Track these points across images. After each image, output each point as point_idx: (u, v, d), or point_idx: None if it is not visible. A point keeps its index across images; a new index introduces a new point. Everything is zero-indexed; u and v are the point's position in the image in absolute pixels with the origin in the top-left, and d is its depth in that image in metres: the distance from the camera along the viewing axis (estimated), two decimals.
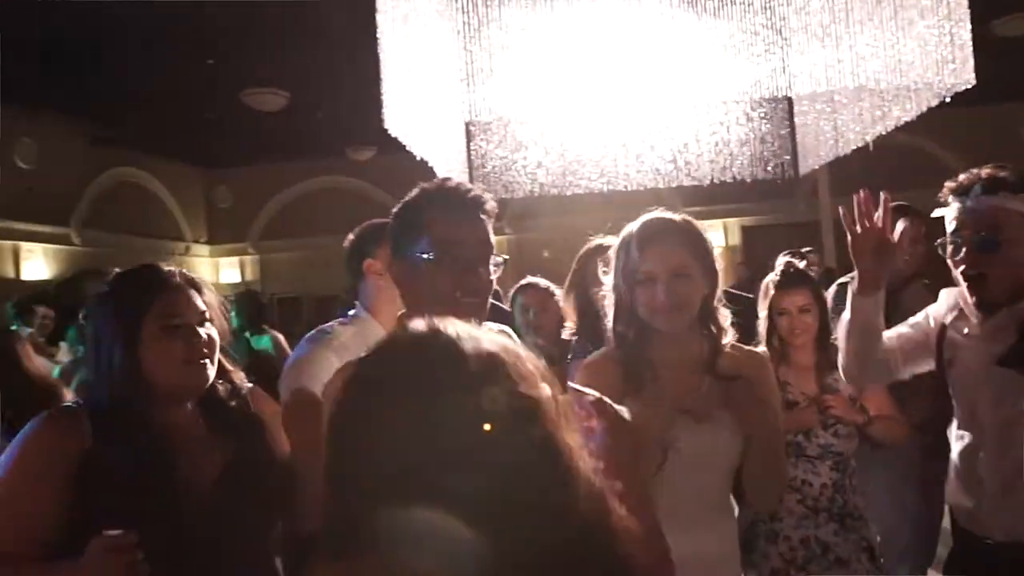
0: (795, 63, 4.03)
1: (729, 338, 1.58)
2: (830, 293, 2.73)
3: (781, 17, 3.85)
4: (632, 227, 1.53)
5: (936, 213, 1.66)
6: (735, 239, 11.07)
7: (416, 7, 3.45)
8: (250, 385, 1.56)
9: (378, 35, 3.44)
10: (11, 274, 8.48)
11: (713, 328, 1.54)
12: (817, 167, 5.32)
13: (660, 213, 1.56)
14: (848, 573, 2.13)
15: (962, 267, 1.59)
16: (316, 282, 10.47)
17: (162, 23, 6.34)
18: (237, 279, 12.22)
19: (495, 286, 1.32)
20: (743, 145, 4.74)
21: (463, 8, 3.62)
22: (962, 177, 1.60)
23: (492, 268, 1.28)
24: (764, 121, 4.69)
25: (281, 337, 5.15)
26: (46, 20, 6.08)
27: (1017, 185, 1.55)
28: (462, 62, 3.80)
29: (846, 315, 1.74)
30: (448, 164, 4.45)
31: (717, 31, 4.00)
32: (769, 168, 4.81)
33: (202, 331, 1.41)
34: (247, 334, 4.76)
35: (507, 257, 1.35)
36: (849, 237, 1.64)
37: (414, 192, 1.32)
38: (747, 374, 1.52)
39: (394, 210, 1.34)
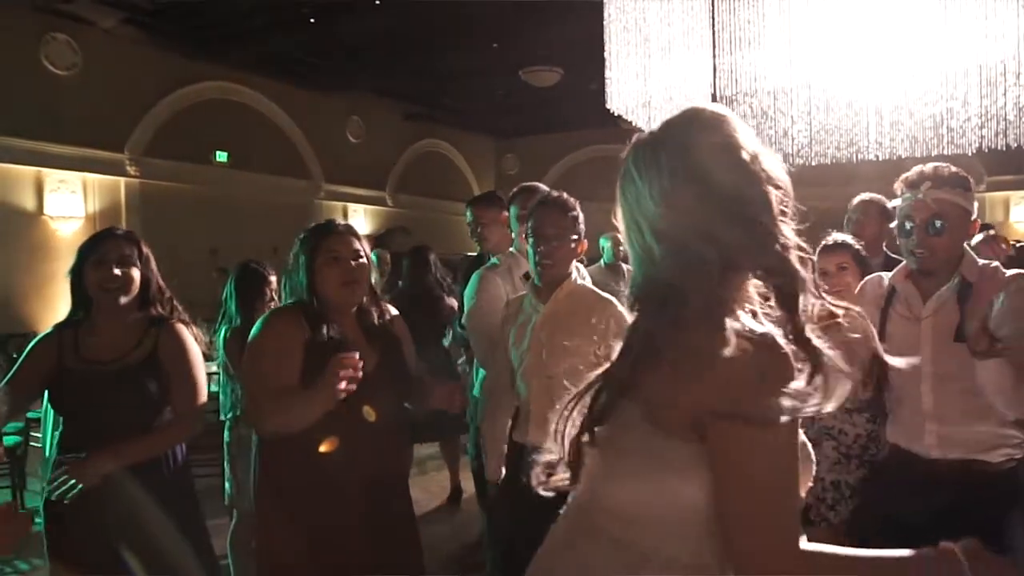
0: None
1: None
2: None
3: None
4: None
5: (891, 203, 1.96)
6: None
7: None
8: (394, 312, 2.14)
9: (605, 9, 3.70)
10: None
11: None
12: None
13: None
14: None
15: (912, 246, 1.91)
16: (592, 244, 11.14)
17: (455, 12, 7.28)
18: None
19: None
20: (1022, 110, 4.26)
21: None
22: (913, 173, 1.92)
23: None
24: None
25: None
26: (369, 21, 7.36)
27: (957, 182, 1.87)
28: (708, 33, 3.95)
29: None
30: None
31: None
32: None
33: (354, 263, 1.95)
34: None
35: None
36: None
37: None
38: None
39: None
